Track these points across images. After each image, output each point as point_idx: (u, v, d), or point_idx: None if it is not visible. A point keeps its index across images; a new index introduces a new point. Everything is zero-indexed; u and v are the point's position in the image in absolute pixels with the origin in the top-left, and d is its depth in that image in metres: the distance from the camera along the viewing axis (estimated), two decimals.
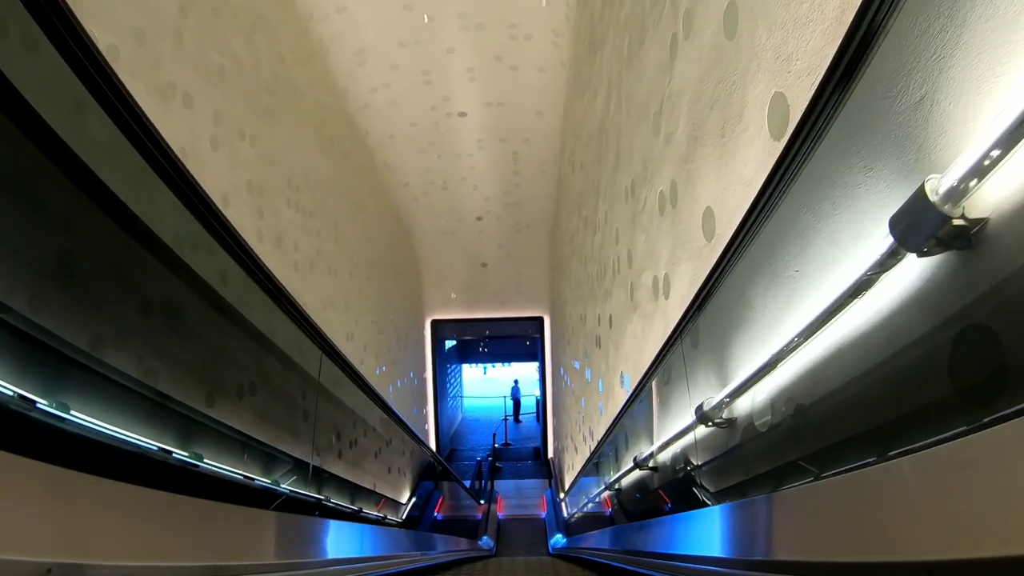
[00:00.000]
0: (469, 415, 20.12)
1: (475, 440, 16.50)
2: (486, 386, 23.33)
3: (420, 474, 7.39)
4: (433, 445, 13.47)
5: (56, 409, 1.10)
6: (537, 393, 19.43)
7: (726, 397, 1.76)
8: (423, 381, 12.97)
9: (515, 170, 11.15)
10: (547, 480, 11.83)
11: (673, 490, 2.76)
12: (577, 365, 8.10)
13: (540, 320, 13.73)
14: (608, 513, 5.40)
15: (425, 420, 13.01)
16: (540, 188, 11.37)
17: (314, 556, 2.35)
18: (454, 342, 18.72)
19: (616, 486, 4.50)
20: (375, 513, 4.75)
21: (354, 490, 4.00)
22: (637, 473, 3.38)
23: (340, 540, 2.87)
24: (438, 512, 9.05)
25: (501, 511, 10.27)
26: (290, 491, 2.33)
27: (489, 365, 25.10)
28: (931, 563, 0.74)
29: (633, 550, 3.12)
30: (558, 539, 8.20)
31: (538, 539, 8.96)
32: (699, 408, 1.91)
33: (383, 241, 10.26)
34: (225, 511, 1.56)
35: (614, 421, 4.27)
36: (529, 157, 10.61)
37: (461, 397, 20.64)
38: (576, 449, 8.34)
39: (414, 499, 7.21)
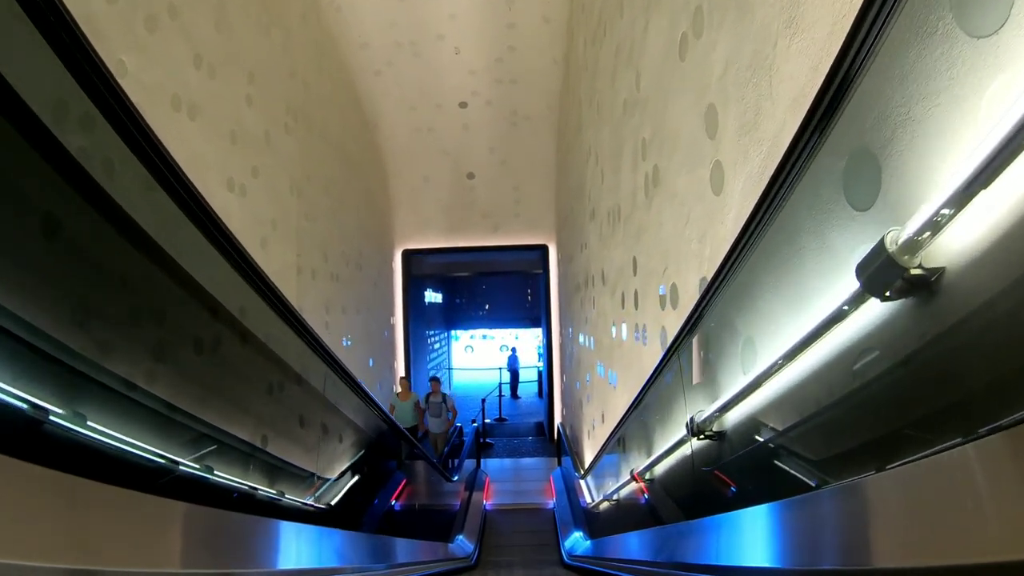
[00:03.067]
0: (459, 392, 16.80)
1: (463, 417, 13.16)
2: (478, 358, 20.06)
3: (370, 446, 4.34)
4: None
5: None
6: (540, 363, 16.18)
7: None
8: (390, 329, 9.70)
9: (509, 21, 7.87)
10: (556, 459, 8.53)
11: (744, 467, 1.69)
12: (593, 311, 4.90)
13: (543, 250, 10.44)
14: (643, 502, 3.42)
15: (394, 382, 9.75)
16: (543, 49, 8.09)
17: None
18: (439, 298, 15.43)
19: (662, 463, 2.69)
20: (266, 491, 2.31)
21: (222, 446, 1.84)
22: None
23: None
24: (397, 500, 5.84)
25: (489, 499, 7.00)
26: None
27: (481, 338, 21.80)
28: None
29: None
30: (576, 540, 4.95)
31: (544, 540, 5.70)
32: None
33: (336, 139, 7.10)
34: None
35: (654, 373, 2.67)
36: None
37: (449, 369, 17.36)
38: (602, 417, 5.13)
39: (355, 478, 4.10)
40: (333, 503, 3.28)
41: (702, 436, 1.92)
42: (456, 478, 6.06)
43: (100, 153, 1.21)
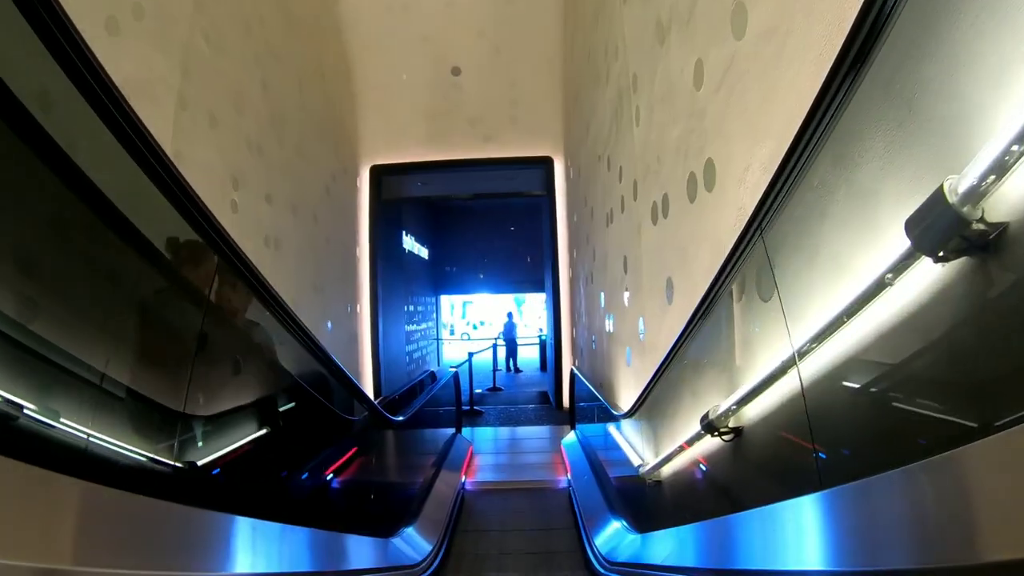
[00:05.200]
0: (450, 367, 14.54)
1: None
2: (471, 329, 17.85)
3: (295, 394, 2.40)
4: (370, 386, 7.93)
5: None
6: (542, 331, 13.94)
7: None
8: (353, 261, 7.45)
9: None
10: (568, 426, 6.30)
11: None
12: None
13: (547, 165, 8.19)
14: (699, 474, 2.01)
15: (356, 338, 7.50)
16: None
17: None
18: (425, 252, 13.16)
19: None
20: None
21: None
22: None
23: None
24: (335, 474, 3.65)
25: (471, 475, 4.78)
26: None
27: (472, 311, 19.60)
28: None
29: None
30: (617, 537, 2.76)
31: (558, 537, 3.48)
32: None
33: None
34: None
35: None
36: None
37: (438, 340, 15.13)
38: (645, 348, 2.94)
39: (257, 433, 2.05)
40: (200, 463, 1.60)
41: None
42: (401, 418, 3.84)
43: None
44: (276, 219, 5.11)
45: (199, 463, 1.52)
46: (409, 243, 11.31)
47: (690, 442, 1.99)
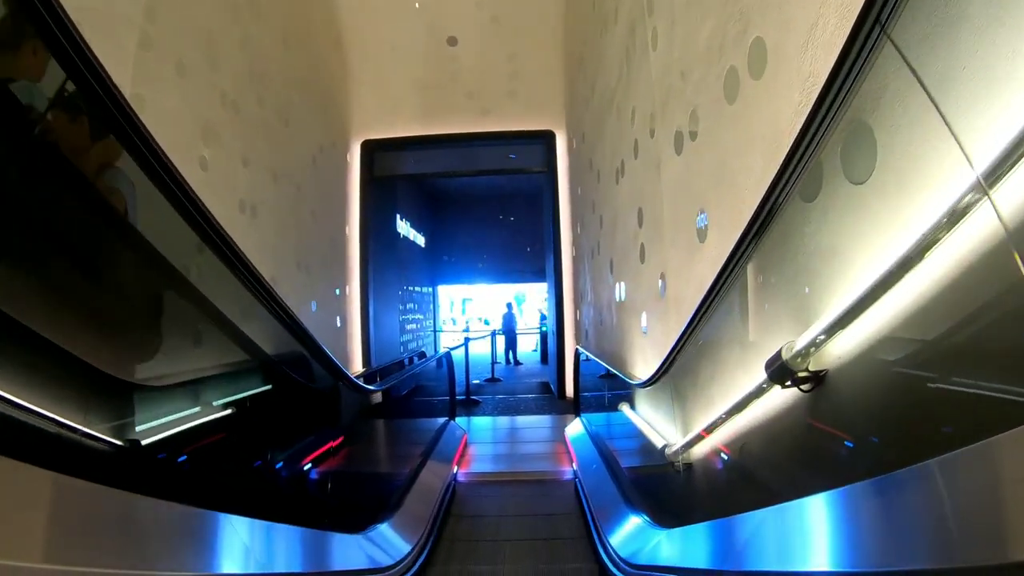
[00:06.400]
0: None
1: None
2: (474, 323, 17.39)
3: (269, 375, 2.27)
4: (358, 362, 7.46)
5: None
6: (543, 312, 13.49)
7: None
8: (342, 241, 6.98)
9: None
10: (572, 415, 5.83)
11: None
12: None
13: (548, 139, 7.71)
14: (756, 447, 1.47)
15: (345, 322, 7.04)
16: None
17: None
18: (422, 240, 12.69)
19: None
20: None
21: None
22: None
23: None
24: (312, 464, 3.23)
25: (464, 465, 4.32)
26: None
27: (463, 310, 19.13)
28: None
29: None
30: (638, 534, 2.28)
31: (561, 535, 3.02)
32: None
33: None
34: None
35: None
36: None
37: (435, 332, 14.66)
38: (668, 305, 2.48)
39: (221, 412, 1.91)
40: (146, 442, 1.40)
41: None
42: (375, 388, 3.36)
43: None
44: (253, 184, 4.65)
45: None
46: (404, 228, 10.83)
47: (741, 406, 1.52)
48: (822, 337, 1.10)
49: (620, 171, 3.72)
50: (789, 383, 1.25)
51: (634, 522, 2.37)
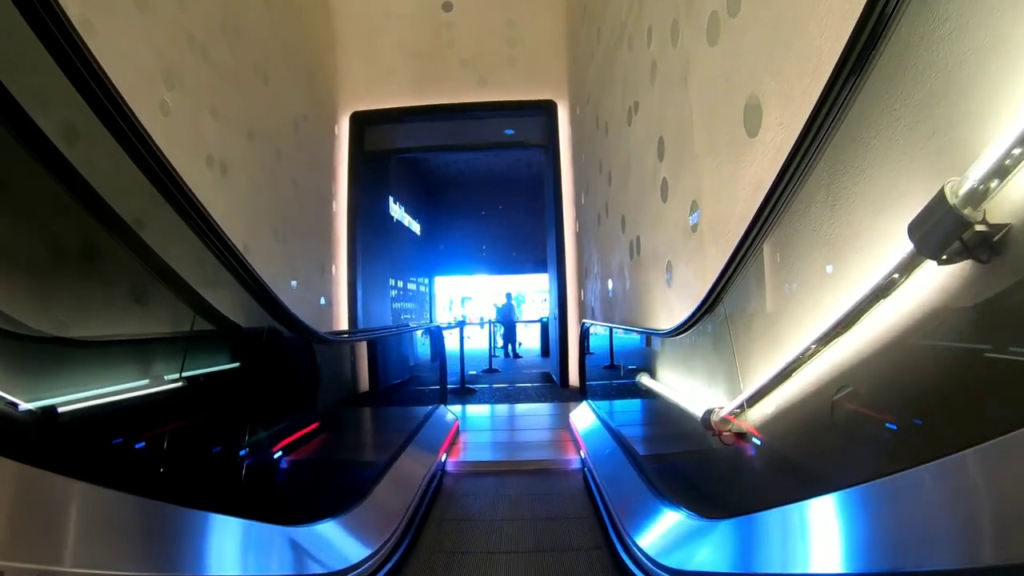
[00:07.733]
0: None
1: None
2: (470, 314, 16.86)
3: (237, 348, 1.89)
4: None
5: None
6: (545, 304, 12.94)
7: None
8: (329, 217, 6.48)
9: None
10: (577, 401, 5.33)
11: None
12: None
13: (549, 110, 7.20)
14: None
15: (332, 303, 6.53)
16: None
17: None
18: (417, 227, 12.17)
19: None
20: None
21: None
22: None
23: None
24: (283, 452, 2.74)
25: (456, 456, 3.81)
26: None
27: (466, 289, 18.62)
28: None
29: None
30: (675, 533, 1.77)
31: (567, 531, 2.51)
32: None
33: None
34: None
35: None
36: None
37: (433, 325, 14.13)
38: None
39: (170, 385, 1.55)
40: (63, 410, 1.13)
41: None
42: (344, 339, 2.87)
43: None
44: (223, 139, 4.17)
45: None
46: (398, 212, 10.33)
47: (840, 327, 1.03)
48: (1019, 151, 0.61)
49: (633, 110, 3.23)
50: (954, 253, 0.76)
51: (672, 518, 1.86)
